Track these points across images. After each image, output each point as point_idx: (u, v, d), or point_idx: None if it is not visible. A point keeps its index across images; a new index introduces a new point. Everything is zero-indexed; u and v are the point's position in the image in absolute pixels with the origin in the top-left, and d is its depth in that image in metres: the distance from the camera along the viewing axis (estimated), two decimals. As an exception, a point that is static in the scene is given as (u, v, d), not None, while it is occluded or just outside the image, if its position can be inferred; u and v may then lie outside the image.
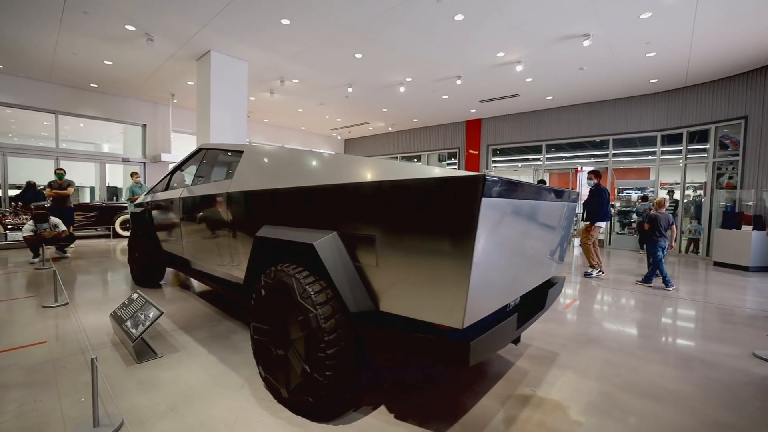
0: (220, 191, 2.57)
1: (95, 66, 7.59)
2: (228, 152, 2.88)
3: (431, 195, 1.36)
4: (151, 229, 4.03)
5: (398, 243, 1.48)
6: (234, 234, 2.44)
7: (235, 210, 2.40)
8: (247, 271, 2.25)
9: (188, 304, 3.60)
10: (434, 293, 1.39)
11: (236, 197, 2.38)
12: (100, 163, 9.94)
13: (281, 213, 2.00)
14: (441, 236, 1.35)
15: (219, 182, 2.70)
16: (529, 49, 6.51)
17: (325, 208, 1.76)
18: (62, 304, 3.45)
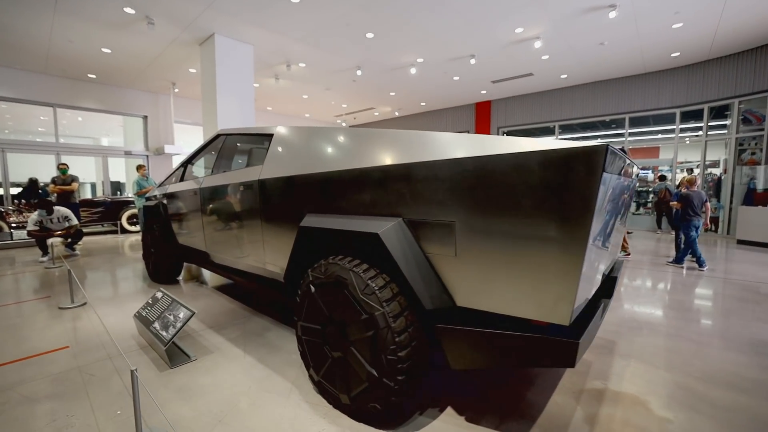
0: (248, 179, 2.35)
1: (93, 54, 7.26)
2: (253, 137, 2.65)
3: (536, 171, 1.14)
4: (166, 223, 3.82)
5: (486, 229, 1.27)
6: (267, 225, 2.23)
7: (269, 199, 2.18)
8: (287, 266, 2.05)
9: (211, 300, 3.42)
10: (534, 285, 1.19)
11: (270, 184, 2.17)
12: (103, 157, 9.68)
13: (328, 200, 1.78)
14: (547, 219, 1.14)
15: (246, 169, 2.48)
16: (549, 24, 6.18)
17: (387, 193, 1.54)
18: (80, 304, 3.27)
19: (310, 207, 1.88)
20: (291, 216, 2.01)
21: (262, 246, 2.30)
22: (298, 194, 1.95)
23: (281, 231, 2.11)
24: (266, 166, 2.24)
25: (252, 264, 2.48)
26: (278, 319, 2.91)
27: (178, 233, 3.67)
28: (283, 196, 2.07)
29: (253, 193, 2.30)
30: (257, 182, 2.25)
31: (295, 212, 1.98)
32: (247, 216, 2.41)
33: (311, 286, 1.74)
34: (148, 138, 10.13)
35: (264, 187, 2.21)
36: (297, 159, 2.02)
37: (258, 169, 2.31)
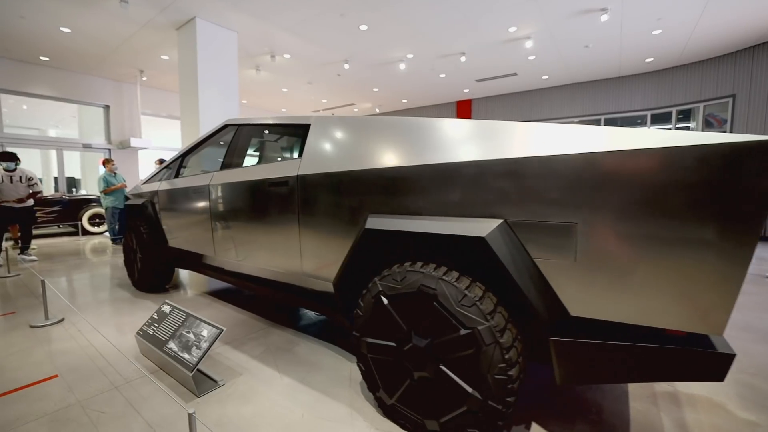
0: (282, 175, 2.06)
1: (48, 34, 6.41)
2: (278, 128, 2.35)
3: (697, 167, 1.01)
4: (156, 224, 3.38)
5: (621, 231, 1.12)
6: (307, 227, 1.96)
7: (311, 197, 1.92)
8: (340, 275, 1.81)
9: (215, 310, 3.06)
10: (684, 292, 1.06)
11: (313, 181, 1.90)
12: (58, 150, 8.66)
13: (400, 199, 1.57)
14: (709, 221, 1.01)
15: (277, 164, 2.18)
16: (542, 24, 6.24)
17: (485, 191, 1.35)
18: (55, 321, 2.80)
19: (374, 207, 1.65)
20: (345, 217, 1.77)
21: (299, 251, 2.03)
22: (357, 192, 1.71)
23: (329, 234, 1.86)
24: (306, 160, 1.97)
25: (283, 271, 2.19)
26: (300, 329, 2.63)
27: (172, 235, 3.26)
28: (334, 194, 1.82)
29: (289, 190, 2.02)
30: (295, 178, 1.98)
31: (351, 213, 1.74)
32: (278, 217, 2.12)
33: (382, 297, 1.52)
34: (110, 130, 9.20)
35: (304, 183, 1.94)
36: (352, 152, 1.78)
37: (294, 163, 2.03)
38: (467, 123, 1.48)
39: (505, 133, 1.36)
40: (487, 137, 1.40)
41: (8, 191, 4.77)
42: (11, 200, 4.77)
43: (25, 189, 4.93)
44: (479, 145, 1.39)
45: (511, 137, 1.34)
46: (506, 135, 1.36)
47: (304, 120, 2.14)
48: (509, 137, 1.35)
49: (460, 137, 1.47)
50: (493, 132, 1.39)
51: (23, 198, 4.85)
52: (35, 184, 5.04)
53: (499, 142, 1.36)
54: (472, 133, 1.45)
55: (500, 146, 1.34)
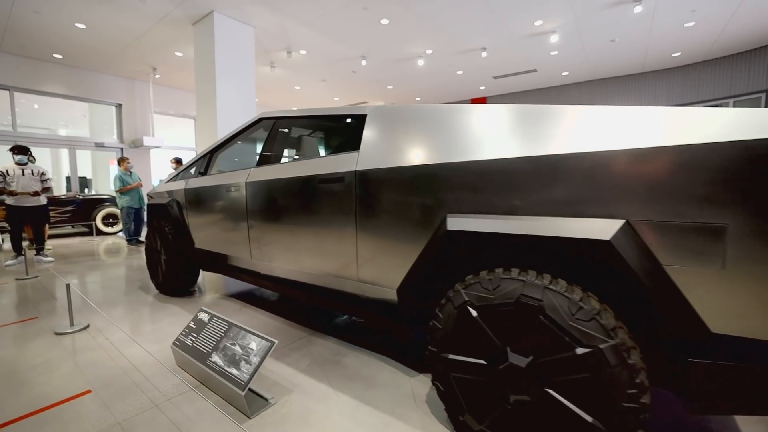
0: (335, 170, 1.88)
1: (63, 30, 6.29)
2: (326, 119, 2.17)
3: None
4: (182, 224, 3.22)
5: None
6: (366, 227, 1.77)
7: (372, 194, 1.73)
8: (406, 281, 1.62)
9: (248, 317, 2.88)
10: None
11: (375, 177, 1.71)
12: (70, 149, 8.56)
13: (491, 196, 1.37)
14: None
15: (328, 159, 1.99)
16: (570, 17, 6.02)
17: (605, 186, 1.15)
18: (81, 328, 2.63)
19: (454, 205, 1.46)
20: (415, 216, 1.58)
21: (355, 255, 1.84)
22: (433, 189, 1.51)
23: (393, 236, 1.67)
24: (364, 154, 1.78)
25: (333, 277, 2.00)
26: (344, 338, 2.44)
27: (199, 236, 3.10)
28: (402, 191, 1.62)
29: (345, 187, 1.83)
30: (352, 174, 1.79)
31: (423, 212, 1.55)
32: (329, 216, 1.93)
33: (470, 308, 1.33)
34: (122, 129, 9.08)
35: (364, 180, 1.75)
36: (425, 145, 1.58)
37: (349, 158, 1.84)
38: (578, 109, 1.28)
39: (630, 119, 1.16)
40: (604, 124, 1.20)
41: (22, 182, 4.68)
42: (28, 192, 4.66)
43: (38, 183, 4.82)
44: (595, 134, 1.20)
45: (636, 124, 1.14)
46: (632, 121, 1.16)
47: (358, 111, 1.95)
48: (635, 124, 1.15)
49: (567, 125, 1.27)
50: (613, 118, 1.19)
51: (38, 191, 4.74)
52: (47, 179, 4.94)
53: (623, 129, 1.16)
54: (585, 119, 1.25)
55: (625, 135, 1.14)
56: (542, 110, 1.35)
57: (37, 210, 4.91)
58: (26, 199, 4.73)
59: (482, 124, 1.47)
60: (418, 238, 1.57)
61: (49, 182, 4.99)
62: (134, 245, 6.12)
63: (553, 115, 1.32)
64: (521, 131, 1.36)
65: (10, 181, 4.65)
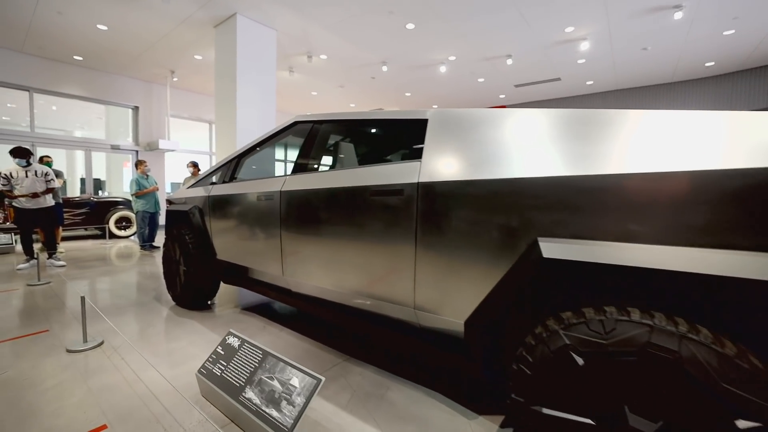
0: (393, 181, 1.65)
1: (84, 31, 6.24)
2: (375, 124, 1.95)
3: None
4: (204, 234, 3.02)
5: None
6: (428, 247, 1.54)
7: (439, 210, 1.49)
8: (478, 312, 1.38)
9: (273, 336, 2.65)
10: None
11: (444, 190, 1.48)
12: (86, 150, 8.50)
13: (601, 219, 1.13)
14: None
15: (382, 168, 1.76)
16: (603, 23, 5.79)
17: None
18: (94, 345, 2.42)
19: (548, 228, 1.21)
20: (494, 238, 1.34)
21: (412, 278, 1.60)
22: (521, 208, 1.27)
23: (464, 258, 1.43)
24: (428, 163, 1.56)
25: (382, 301, 1.76)
26: (383, 366, 2.19)
27: (223, 247, 2.89)
28: (478, 208, 1.38)
29: (403, 201, 1.60)
30: (414, 186, 1.56)
31: (505, 233, 1.31)
32: (382, 233, 1.70)
33: (573, 354, 1.08)
34: (138, 131, 9.03)
35: (428, 193, 1.52)
36: (510, 155, 1.35)
37: (409, 168, 1.61)
38: (726, 115, 1.04)
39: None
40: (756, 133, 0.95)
41: (25, 184, 4.57)
42: (29, 194, 4.51)
43: (42, 184, 4.69)
44: (746, 146, 0.95)
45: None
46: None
47: (417, 114, 1.73)
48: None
49: (709, 135, 1.03)
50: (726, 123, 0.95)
51: (38, 193, 4.58)
52: (51, 180, 4.79)
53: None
54: (734, 127, 1.00)
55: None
56: (674, 116, 1.11)
57: (46, 212, 4.77)
58: (31, 201, 4.61)
59: (587, 131, 1.22)
60: (498, 264, 1.33)
61: (54, 183, 4.84)
62: (148, 251, 5.96)
63: (709, 123, 1.07)
64: (648, 141, 1.11)
65: (15, 183, 4.53)
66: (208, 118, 10.53)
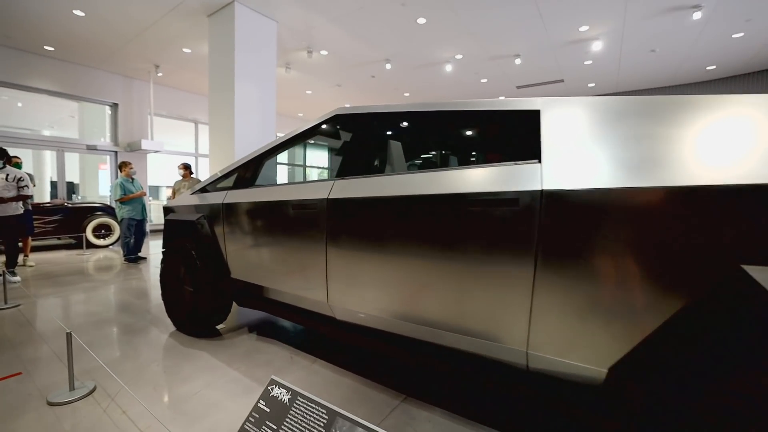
0: (502, 188, 1.27)
1: (58, 18, 5.58)
2: (457, 116, 1.58)
3: None
4: (214, 248, 2.56)
5: None
6: (557, 274, 1.17)
7: (574, 226, 1.13)
8: (632, 359, 1.04)
9: (307, 372, 2.21)
10: None
11: (582, 200, 1.12)
12: (59, 151, 7.72)
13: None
14: None
15: (480, 170, 1.38)
16: (619, 23, 5.64)
17: None
18: (84, 394, 1.92)
19: (758, 253, 0.87)
20: (662, 264, 0.99)
21: (527, 311, 1.23)
22: (718, 223, 0.93)
23: (611, 288, 1.07)
24: (553, 166, 1.20)
25: (477, 338, 1.39)
26: (453, 408, 1.81)
27: (239, 264, 2.44)
28: (638, 224, 1.03)
29: (518, 213, 1.23)
30: (536, 195, 1.19)
31: (682, 258, 0.96)
32: (484, 253, 1.32)
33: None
34: (117, 131, 8.30)
35: (560, 203, 1.15)
36: (687, 155, 1.00)
37: (525, 171, 1.25)
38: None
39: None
40: None
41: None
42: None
43: (12, 190, 4.09)
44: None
45: None
46: None
47: (519, 105, 1.37)
48: None
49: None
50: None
51: (3, 198, 3.99)
52: (25, 186, 4.20)
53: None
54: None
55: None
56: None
57: (11, 220, 4.15)
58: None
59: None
60: (668, 298, 0.98)
61: (27, 189, 4.25)
62: (133, 263, 5.34)
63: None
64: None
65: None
66: (193, 117, 9.88)
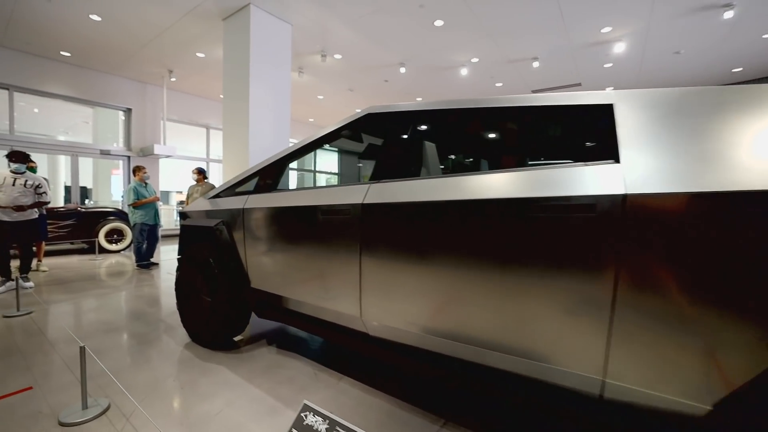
0: (572, 192, 1.11)
1: (76, 22, 5.58)
2: (499, 113, 1.44)
3: None
4: (234, 256, 2.43)
5: None
6: (645, 293, 1.00)
7: (685, 236, 0.96)
8: (744, 395, 0.86)
9: (337, 391, 2.05)
10: None
11: (676, 207, 0.95)
12: (73, 156, 7.74)
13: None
14: None
15: (546, 171, 1.22)
16: (644, 23, 5.46)
17: None
18: (97, 414, 1.79)
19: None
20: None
21: (606, 335, 1.06)
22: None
23: (729, 313, 0.90)
24: (635, 166, 1.04)
25: (537, 361, 1.22)
26: (470, 425, 1.63)
27: (260, 273, 2.31)
28: (752, 235, 0.86)
29: (594, 222, 1.06)
30: (617, 201, 1.03)
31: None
32: (550, 267, 1.16)
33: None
34: (130, 135, 8.31)
35: (644, 209, 0.99)
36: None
37: (598, 172, 1.09)
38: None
39: None
40: None
41: (8, 193, 3.88)
42: (9, 206, 3.86)
43: (30, 196, 4.03)
44: None
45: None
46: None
47: (593, 98, 1.21)
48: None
49: None
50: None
51: (23, 206, 3.93)
52: (44, 193, 4.16)
53: None
54: None
55: None
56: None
57: (28, 225, 4.10)
58: (10, 213, 3.93)
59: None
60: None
61: (45, 196, 4.21)
62: (146, 269, 5.25)
63: None
64: None
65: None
66: (205, 122, 9.88)
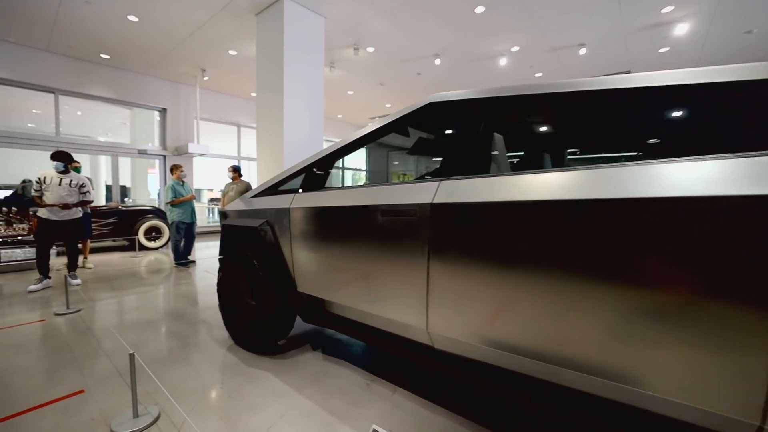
0: (719, 192, 0.87)
1: (114, 24, 5.68)
2: (590, 97, 1.21)
3: None
4: (279, 258, 2.30)
5: None
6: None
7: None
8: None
9: (388, 403, 1.87)
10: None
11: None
12: (113, 155, 8.00)
13: None
14: None
15: (658, 168, 0.99)
16: (714, 1, 4.93)
17: None
18: (149, 423, 1.70)
19: None
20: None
21: (766, 376, 0.82)
22: None
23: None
24: None
25: (634, 388, 0.98)
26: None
27: (308, 277, 2.16)
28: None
29: (757, 224, 0.82)
30: (749, 203, 0.78)
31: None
32: (691, 281, 0.92)
33: None
34: (166, 135, 8.49)
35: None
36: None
37: (726, 167, 0.84)
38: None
39: None
40: None
41: (55, 192, 3.97)
42: (57, 204, 3.94)
43: (74, 195, 4.10)
44: None
45: None
46: None
47: (745, 73, 0.96)
48: None
49: None
50: None
51: (69, 204, 4.00)
52: (87, 192, 4.23)
53: None
54: None
55: None
56: None
57: (73, 224, 4.18)
58: (57, 212, 4.02)
59: None
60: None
61: (89, 195, 4.29)
62: (184, 267, 5.30)
63: None
64: None
65: (44, 189, 3.96)
66: (236, 120, 9.98)
